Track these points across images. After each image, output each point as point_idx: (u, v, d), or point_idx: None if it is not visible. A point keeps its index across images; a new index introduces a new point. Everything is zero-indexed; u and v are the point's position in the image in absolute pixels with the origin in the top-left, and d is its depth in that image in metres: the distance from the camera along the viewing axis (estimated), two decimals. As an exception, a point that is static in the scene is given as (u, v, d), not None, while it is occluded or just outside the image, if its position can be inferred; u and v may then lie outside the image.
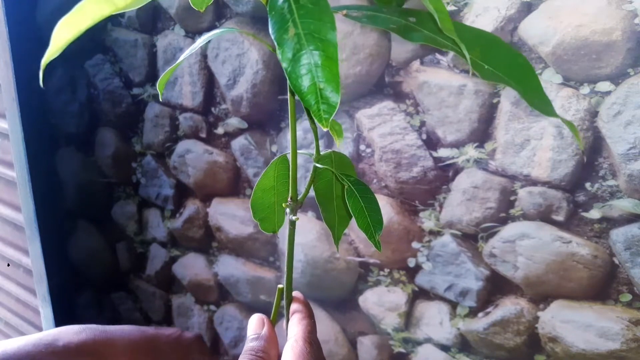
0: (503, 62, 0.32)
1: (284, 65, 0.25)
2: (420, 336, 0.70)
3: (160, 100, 0.84)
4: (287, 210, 0.39)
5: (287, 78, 0.25)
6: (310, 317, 0.40)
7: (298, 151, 0.37)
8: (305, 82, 0.25)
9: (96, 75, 0.92)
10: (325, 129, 0.25)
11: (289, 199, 0.39)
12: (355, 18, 0.33)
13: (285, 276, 0.41)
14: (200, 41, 0.35)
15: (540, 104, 0.32)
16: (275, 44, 0.26)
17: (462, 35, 0.30)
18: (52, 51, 0.28)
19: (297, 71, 0.25)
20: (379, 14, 0.33)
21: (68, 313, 1.15)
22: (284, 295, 0.42)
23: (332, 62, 0.25)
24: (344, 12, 0.33)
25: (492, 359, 0.65)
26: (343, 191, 0.38)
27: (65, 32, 0.28)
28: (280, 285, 0.42)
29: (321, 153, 0.40)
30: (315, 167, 0.39)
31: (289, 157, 0.38)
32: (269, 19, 0.27)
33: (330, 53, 0.25)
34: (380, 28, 0.32)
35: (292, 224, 0.39)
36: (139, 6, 0.29)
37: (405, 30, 0.32)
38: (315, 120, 0.25)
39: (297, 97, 0.35)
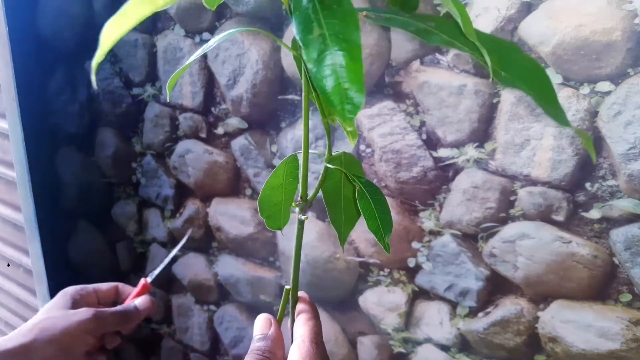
0: (520, 69, 0.32)
1: (309, 66, 0.25)
2: (420, 336, 0.70)
3: (168, 100, 0.84)
4: (297, 209, 0.39)
5: (311, 78, 0.26)
6: (316, 317, 0.40)
7: (310, 151, 0.38)
8: (330, 83, 0.25)
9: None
10: (349, 129, 0.25)
11: (298, 198, 0.39)
12: (375, 20, 0.34)
13: (291, 276, 0.41)
14: (216, 40, 0.35)
15: (555, 112, 0.32)
16: (300, 44, 0.26)
17: (481, 41, 0.30)
18: (102, 52, 0.29)
19: (322, 72, 0.25)
20: (399, 17, 0.33)
21: (68, 313, 1.14)
22: (290, 295, 0.42)
23: (357, 63, 0.25)
24: (364, 13, 0.33)
25: (492, 359, 0.65)
26: (353, 192, 0.38)
27: (112, 33, 0.29)
28: (287, 286, 0.42)
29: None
30: (326, 168, 0.39)
31: (299, 156, 0.38)
32: (293, 19, 0.27)
33: (354, 54, 0.25)
34: (396, 28, 0.33)
35: (301, 223, 0.40)
36: (176, 2, 0.30)
37: (425, 34, 0.32)
38: (339, 120, 0.25)
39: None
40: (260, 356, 0.38)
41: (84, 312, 0.58)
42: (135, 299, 0.68)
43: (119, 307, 0.64)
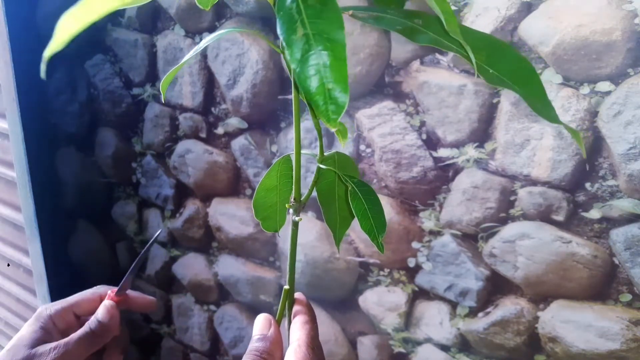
0: (508, 66, 0.31)
1: (293, 66, 0.25)
2: (420, 336, 0.70)
3: (163, 101, 0.84)
4: (290, 210, 0.39)
5: (296, 79, 0.25)
6: (313, 320, 0.40)
7: (302, 151, 0.37)
8: (314, 83, 0.25)
9: (96, 75, 0.92)
10: (333, 130, 0.25)
11: (292, 200, 0.39)
12: (362, 19, 0.33)
13: (287, 277, 0.41)
14: (206, 41, 0.35)
15: (543, 109, 0.32)
16: (284, 44, 0.25)
17: (468, 38, 0.29)
18: (56, 44, 0.27)
19: (306, 72, 0.25)
20: (385, 15, 0.33)
21: (68, 313, 1.14)
22: (287, 296, 0.42)
23: (341, 63, 0.25)
24: (350, 12, 0.33)
25: (492, 359, 0.65)
26: (346, 192, 0.37)
27: (70, 24, 0.27)
28: (286, 287, 0.41)
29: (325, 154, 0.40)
30: (319, 168, 0.39)
31: (293, 157, 0.38)
32: (277, 19, 0.26)
33: (338, 53, 0.25)
34: (385, 29, 0.32)
35: (295, 224, 0.39)
36: (146, 2, 0.29)
37: (412, 32, 0.32)
38: (323, 121, 0.25)
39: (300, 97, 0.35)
40: (258, 357, 0.37)
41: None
42: (98, 311, 0.60)
43: (82, 332, 0.56)
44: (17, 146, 1.01)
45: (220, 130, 0.80)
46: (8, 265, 1.26)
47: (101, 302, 0.60)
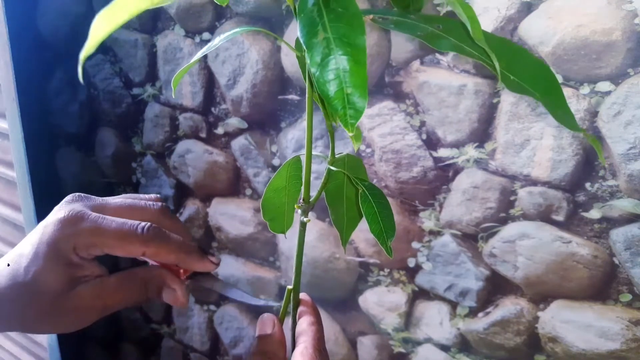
0: (528, 73, 0.31)
1: (313, 70, 0.25)
2: (420, 336, 0.70)
3: (174, 96, 0.84)
4: (299, 211, 0.39)
5: (314, 82, 0.25)
6: (318, 322, 0.40)
7: (313, 153, 0.37)
8: (333, 87, 0.25)
9: (96, 75, 0.92)
10: (351, 134, 0.25)
11: (300, 201, 0.39)
12: (382, 24, 0.33)
13: (293, 277, 0.41)
14: (221, 38, 0.34)
15: (564, 117, 0.31)
16: (304, 47, 0.25)
17: (489, 44, 0.29)
18: (91, 44, 0.28)
19: (325, 76, 0.25)
20: (406, 20, 0.33)
21: (68, 313, 1.14)
22: (292, 297, 0.42)
23: (361, 68, 0.25)
24: (371, 17, 0.33)
25: (492, 359, 0.65)
26: (355, 194, 0.37)
27: (103, 25, 0.28)
28: (289, 287, 0.41)
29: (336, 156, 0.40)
30: (329, 170, 0.39)
31: (303, 158, 0.37)
32: (298, 22, 0.26)
33: (359, 58, 0.25)
34: (408, 34, 0.32)
35: (303, 225, 0.39)
36: (173, 1, 0.29)
37: (433, 38, 0.31)
38: (342, 125, 0.25)
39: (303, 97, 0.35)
40: (261, 357, 0.37)
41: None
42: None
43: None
44: (17, 146, 1.01)
45: (220, 130, 0.80)
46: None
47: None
